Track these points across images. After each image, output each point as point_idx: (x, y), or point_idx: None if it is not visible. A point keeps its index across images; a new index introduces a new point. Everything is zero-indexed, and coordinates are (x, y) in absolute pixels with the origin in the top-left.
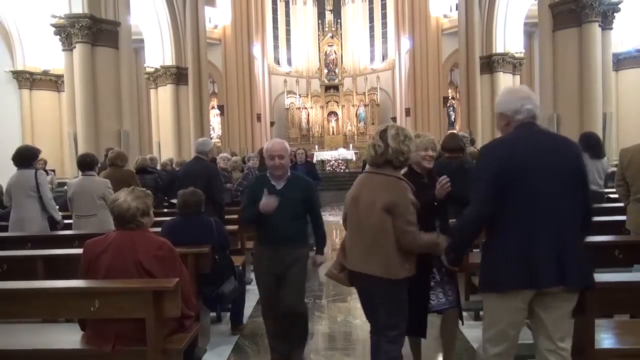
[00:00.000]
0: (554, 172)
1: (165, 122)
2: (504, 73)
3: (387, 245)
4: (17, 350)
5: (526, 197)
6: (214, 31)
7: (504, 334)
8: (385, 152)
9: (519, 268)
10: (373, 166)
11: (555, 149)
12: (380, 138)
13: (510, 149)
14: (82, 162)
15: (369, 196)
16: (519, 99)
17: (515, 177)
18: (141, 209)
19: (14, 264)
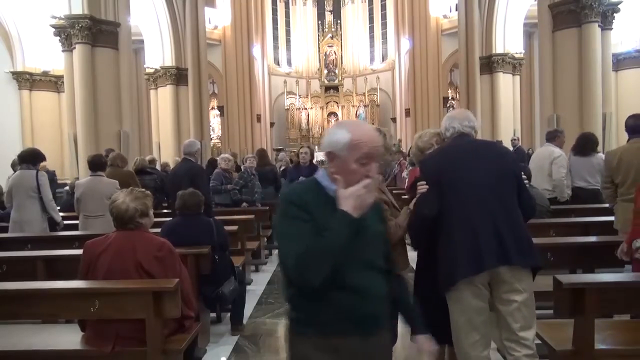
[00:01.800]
0: (482, 169)
1: (165, 122)
2: (504, 73)
3: None
4: (17, 351)
5: (462, 192)
6: (214, 32)
7: (470, 322)
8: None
9: (467, 255)
10: None
11: (479, 151)
12: None
13: (442, 155)
14: (95, 162)
15: None
16: (447, 118)
17: (450, 176)
18: (140, 210)
19: (14, 264)
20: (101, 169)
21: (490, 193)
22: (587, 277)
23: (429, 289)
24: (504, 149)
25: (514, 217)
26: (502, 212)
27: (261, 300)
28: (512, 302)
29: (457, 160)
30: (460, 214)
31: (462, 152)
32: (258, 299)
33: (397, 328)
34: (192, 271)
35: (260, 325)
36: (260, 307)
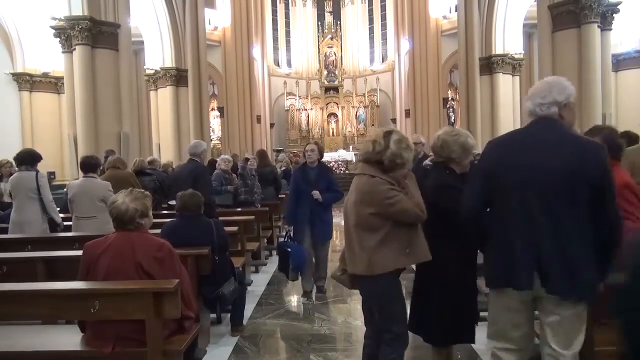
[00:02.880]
0: (535, 168)
1: (165, 123)
2: (504, 74)
3: (367, 240)
4: (17, 351)
5: (507, 193)
6: (214, 33)
7: (503, 332)
8: (383, 152)
9: (502, 267)
10: (364, 162)
11: (544, 143)
12: (384, 137)
13: (499, 145)
14: (86, 164)
15: (350, 197)
16: (527, 97)
17: (499, 172)
18: (140, 211)
19: (15, 265)
20: (93, 170)
21: (539, 199)
22: None
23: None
24: (589, 145)
25: (570, 233)
26: (553, 224)
27: (261, 301)
28: (554, 316)
29: (510, 153)
30: (502, 217)
31: (519, 143)
32: (258, 300)
33: None
34: (192, 272)
35: (260, 326)
36: (260, 308)
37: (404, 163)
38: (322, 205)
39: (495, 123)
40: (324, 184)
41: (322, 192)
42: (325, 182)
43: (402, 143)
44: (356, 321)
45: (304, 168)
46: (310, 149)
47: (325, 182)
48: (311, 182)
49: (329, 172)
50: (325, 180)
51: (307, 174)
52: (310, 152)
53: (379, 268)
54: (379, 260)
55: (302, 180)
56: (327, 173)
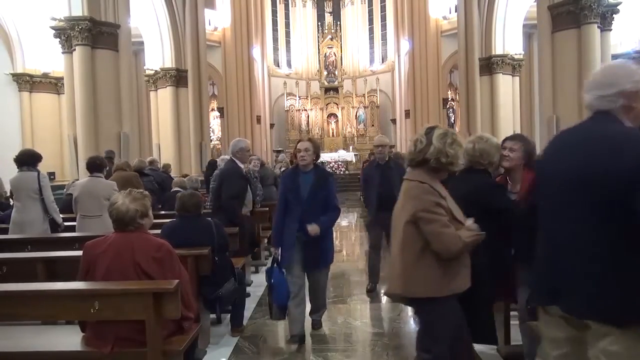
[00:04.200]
0: (564, 171)
1: (165, 124)
2: (504, 74)
3: (407, 261)
4: (17, 352)
5: (542, 198)
6: (214, 33)
7: (543, 350)
8: (426, 149)
9: (537, 280)
10: (411, 164)
11: (583, 141)
12: (425, 135)
13: (548, 146)
14: (92, 164)
15: (396, 209)
16: None
17: (540, 175)
18: (140, 211)
19: (14, 266)
20: (99, 170)
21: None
22: None
23: None
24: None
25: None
26: (574, 233)
27: (261, 302)
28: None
29: (554, 155)
30: (541, 224)
31: (560, 143)
32: (258, 300)
33: None
34: (192, 272)
35: (261, 326)
36: (260, 309)
37: (452, 162)
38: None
39: (495, 124)
40: (321, 196)
41: (318, 209)
42: (323, 194)
43: (447, 138)
44: (356, 321)
45: (295, 173)
46: (303, 147)
47: (322, 193)
48: (303, 193)
49: (328, 179)
50: (322, 190)
51: (299, 181)
52: (303, 153)
53: (417, 290)
54: (414, 281)
55: (291, 189)
56: (325, 181)
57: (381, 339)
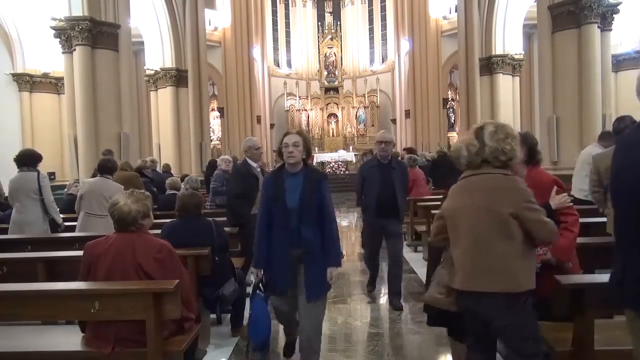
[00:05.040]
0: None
1: (165, 124)
2: (504, 74)
3: (510, 254)
4: (17, 352)
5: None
6: (214, 33)
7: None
8: (481, 151)
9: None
10: (470, 168)
11: None
12: (476, 136)
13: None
14: (104, 166)
15: (481, 202)
16: None
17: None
18: (142, 212)
19: (15, 266)
20: (109, 172)
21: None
22: (587, 277)
23: None
24: None
25: None
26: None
27: None
28: None
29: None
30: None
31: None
32: None
33: None
34: (192, 272)
35: None
36: None
37: (511, 157)
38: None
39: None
40: (314, 204)
41: (311, 221)
42: (315, 202)
43: (499, 133)
44: (356, 321)
45: (278, 176)
46: (292, 141)
47: (314, 201)
48: (291, 201)
49: (322, 181)
50: (315, 197)
51: (284, 186)
52: (292, 148)
53: (525, 282)
54: (524, 272)
55: (275, 197)
56: (318, 184)
57: (381, 339)
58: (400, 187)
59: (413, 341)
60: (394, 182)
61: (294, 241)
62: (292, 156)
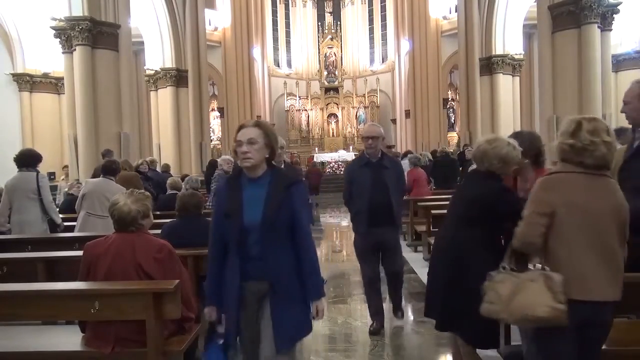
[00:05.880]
0: None
1: (165, 124)
2: (504, 74)
3: (622, 260)
4: (17, 352)
5: None
6: (214, 33)
7: None
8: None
9: None
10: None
11: None
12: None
13: None
14: (108, 167)
15: (607, 203)
16: None
17: None
18: (142, 212)
19: (15, 266)
20: (112, 174)
21: None
22: None
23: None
24: None
25: None
26: None
27: None
28: None
29: None
30: None
31: None
32: None
33: None
34: (192, 272)
35: None
36: None
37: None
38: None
39: (495, 124)
40: (283, 218)
41: (279, 241)
42: (284, 217)
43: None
44: (356, 321)
45: (235, 183)
46: (246, 138)
47: (283, 216)
48: (250, 216)
49: (292, 188)
50: (284, 210)
51: (242, 197)
52: (246, 147)
53: None
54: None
55: (229, 211)
56: (288, 193)
57: (381, 339)
58: (395, 189)
59: (413, 341)
60: (387, 184)
61: (253, 272)
62: (247, 158)
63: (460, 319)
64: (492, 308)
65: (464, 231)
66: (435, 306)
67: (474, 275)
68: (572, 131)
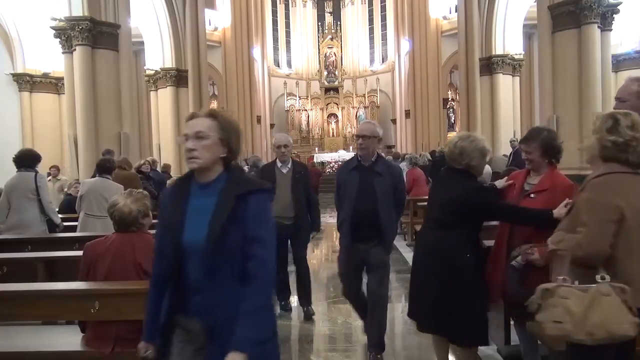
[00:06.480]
0: None
1: (165, 124)
2: (504, 74)
3: None
4: (17, 352)
5: None
6: (214, 33)
7: None
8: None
9: None
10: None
11: None
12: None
13: None
14: (102, 166)
15: None
16: None
17: None
18: (142, 211)
19: (15, 266)
20: (108, 172)
21: None
22: None
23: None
24: None
25: None
26: None
27: None
28: None
29: None
30: None
31: None
32: None
33: None
34: None
35: None
36: None
37: None
38: None
39: (495, 123)
40: (230, 240)
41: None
42: (234, 237)
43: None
44: (356, 321)
45: (180, 189)
46: (193, 130)
47: (233, 235)
48: (190, 233)
49: (252, 198)
50: (236, 227)
51: (187, 207)
52: (193, 143)
53: None
54: None
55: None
56: (243, 204)
57: None
58: (386, 200)
59: (413, 341)
60: (375, 193)
61: (190, 308)
62: (192, 158)
63: (452, 320)
64: (563, 328)
65: (448, 232)
66: (424, 307)
67: (465, 275)
68: (610, 127)
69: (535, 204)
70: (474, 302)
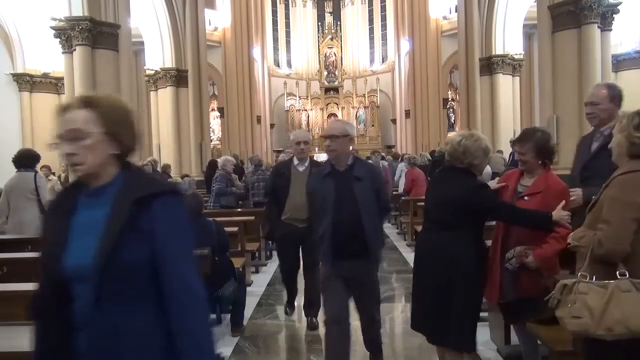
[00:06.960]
0: None
1: (165, 124)
2: (504, 74)
3: None
4: (17, 352)
5: None
6: (214, 33)
7: None
8: None
9: None
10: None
11: None
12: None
13: None
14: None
15: None
16: None
17: None
18: None
19: (15, 266)
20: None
21: None
22: None
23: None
24: None
25: None
26: None
27: (261, 302)
28: None
29: None
30: None
31: None
32: (258, 300)
33: None
34: None
35: (261, 326)
36: (260, 309)
37: None
38: None
39: (495, 123)
40: (129, 259)
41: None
42: (135, 255)
43: None
44: (356, 321)
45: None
46: (67, 129)
47: (134, 253)
48: (75, 255)
49: (157, 204)
50: (135, 248)
51: (70, 221)
52: (69, 146)
53: None
54: None
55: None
56: (146, 213)
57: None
58: (369, 207)
59: (413, 341)
60: (356, 201)
61: (79, 347)
62: (75, 164)
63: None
64: (582, 323)
65: (450, 233)
66: (417, 308)
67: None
68: (638, 124)
69: (528, 207)
70: (465, 306)
